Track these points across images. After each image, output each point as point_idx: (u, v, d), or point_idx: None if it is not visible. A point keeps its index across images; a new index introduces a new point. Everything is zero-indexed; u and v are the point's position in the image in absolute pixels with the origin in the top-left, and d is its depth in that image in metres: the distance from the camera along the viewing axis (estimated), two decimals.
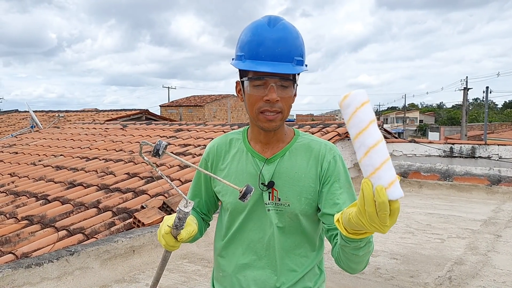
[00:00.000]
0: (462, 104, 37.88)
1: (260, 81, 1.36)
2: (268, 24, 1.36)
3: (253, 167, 1.48)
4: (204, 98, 39.32)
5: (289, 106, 1.41)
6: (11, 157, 9.61)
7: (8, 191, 6.62)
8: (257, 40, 1.36)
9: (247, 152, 1.51)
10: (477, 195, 7.57)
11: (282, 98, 1.37)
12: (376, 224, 1.00)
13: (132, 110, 18.80)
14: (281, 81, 1.35)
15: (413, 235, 5.17)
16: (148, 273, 3.86)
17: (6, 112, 25.95)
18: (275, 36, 1.35)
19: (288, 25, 1.38)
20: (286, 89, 1.37)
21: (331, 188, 1.41)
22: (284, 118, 1.42)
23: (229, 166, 1.52)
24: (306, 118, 52.84)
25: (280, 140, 1.49)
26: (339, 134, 7.97)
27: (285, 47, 1.35)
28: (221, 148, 1.56)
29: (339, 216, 1.14)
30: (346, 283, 3.73)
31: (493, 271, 3.98)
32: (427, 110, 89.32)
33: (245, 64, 1.37)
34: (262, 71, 1.33)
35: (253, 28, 1.38)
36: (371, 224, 1.01)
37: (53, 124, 17.38)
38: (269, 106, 1.36)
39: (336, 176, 1.42)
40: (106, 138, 10.45)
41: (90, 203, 5.48)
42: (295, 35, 1.38)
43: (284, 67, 1.34)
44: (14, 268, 3.17)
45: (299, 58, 1.37)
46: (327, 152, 1.46)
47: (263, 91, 1.36)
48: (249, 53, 1.37)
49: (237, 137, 1.56)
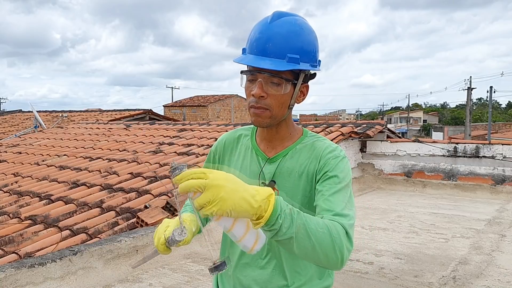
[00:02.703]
0: (466, 104, 37.76)
1: (251, 75, 1.35)
2: (269, 21, 1.34)
3: (256, 165, 1.47)
4: (207, 98, 39.38)
5: (280, 104, 1.36)
6: (15, 157, 9.63)
7: (11, 191, 6.63)
8: (255, 35, 1.35)
9: (252, 149, 1.50)
10: (481, 194, 7.54)
11: (270, 95, 1.34)
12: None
13: (136, 110, 18.83)
14: (271, 77, 1.32)
15: (417, 235, 5.15)
16: (152, 272, 3.85)
17: (10, 112, 26.03)
18: (270, 32, 1.32)
19: (289, 22, 1.34)
20: (277, 86, 1.33)
21: (323, 183, 1.34)
22: (275, 116, 1.37)
23: (234, 162, 1.52)
24: (309, 118, 52.85)
25: (285, 139, 1.47)
26: (342, 134, 7.95)
27: (277, 43, 1.31)
28: (229, 143, 1.56)
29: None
30: (350, 283, 3.71)
31: (498, 271, 3.95)
32: (431, 110, 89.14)
33: (239, 58, 1.37)
34: (243, 63, 1.34)
35: (257, 25, 1.38)
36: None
37: (57, 124, 17.43)
38: (255, 102, 1.35)
39: (333, 172, 1.35)
40: (109, 138, 10.46)
41: (94, 203, 5.48)
42: (295, 32, 1.33)
43: (270, 62, 1.30)
44: (17, 267, 3.17)
45: (294, 55, 1.31)
46: (328, 151, 1.40)
47: (253, 86, 1.35)
48: (248, 48, 1.37)
49: (246, 133, 1.56)
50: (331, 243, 1.13)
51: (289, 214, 1.10)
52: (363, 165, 8.90)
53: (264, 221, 1.06)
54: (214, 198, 1.02)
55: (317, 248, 1.12)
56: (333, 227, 1.16)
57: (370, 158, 8.86)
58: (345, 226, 1.20)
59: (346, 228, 1.19)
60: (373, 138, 8.56)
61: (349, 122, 9.12)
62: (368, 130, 8.20)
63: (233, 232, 1.13)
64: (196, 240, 4.56)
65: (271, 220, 1.07)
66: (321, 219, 1.19)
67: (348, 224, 1.22)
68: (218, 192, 1.02)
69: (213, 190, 1.02)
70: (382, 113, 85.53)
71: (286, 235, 1.09)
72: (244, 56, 1.37)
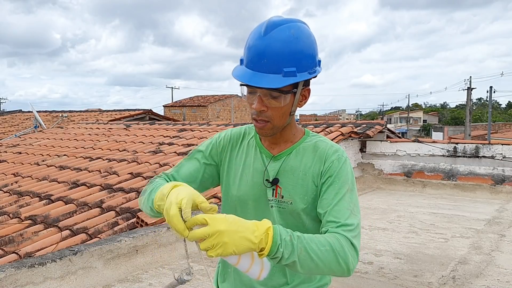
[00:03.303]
0: (466, 104, 37.78)
1: (250, 88, 1.35)
2: (262, 32, 1.32)
3: (259, 162, 1.49)
4: (207, 98, 39.37)
5: (282, 115, 1.38)
6: (15, 157, 9.64)
7: (11, 191, 6.64)
8: (250, 48, 1.34)
9: (256, 147, 1.52)
10: (481, 194, 7.55)
11: (272, 108, 1.35)
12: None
13: (136, 110, 18.82)
14: (269, 91, 1.32)
15: (417, 235, 5.15)
16: (151, 272, 3.86)
17: (9, 113, 26.02)
18: (264, 47, 1.30)
19: (283, 34, 1.30)
20: (276, 99, 1.33)
21: (327, 188, 1.38)
22: (277, 126, 1.40)
23: (237, 158, 1.54)
24: (309, 118, 52.86)
25: (288, 140, 1.49)
26: (342, 134, 7.95)
27: (272, 59, 1.29)
28: (234, 138, 1.57)
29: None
30: (350, 283, 3.72)
31: (497, 271, 3.96)
32: (431, 110, 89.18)
33: (236, 71, 1.37)
34: (240, 80, 1.34)
35: (252, 33, 1.36)
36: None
37: (57, 124, 17.43)
38: (256, 115, 1.37)
39: (337, 176, 1.39)
40: (109, 138, 10.47)
41: (94, 203, 5.49)
42: (288, 45, 1.30)
43: (266, 80, 1.30)
44: (17, 267, 3.17)
45: (290, 69, 1.30)
46: (332, 152, 1.43)
47: (253, 98, 1.36)
48: (246, 60, 1.36)
49: (250, 131, 1.58)
50: (334, 258, 1.22)
51: (289, 241, 1.18)
52: (363, 165, 8.91)
53: (266, 252, 1.14)
54: (217, 242, 1.10)
55: (320, 266, 1.21)
56: (336, 242, 1.24)
57: (370, 158, 8.87)
58: (350, 238, 1.27)
59: (350, 240, 1.27)
60: (373, 138, 8.56)
61: (349, 122, 9.12)
62: (368, 130, 8.21)
63: (240, 266, 1.21)
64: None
65: (272, 250, 1.15)
66: (323, 237, 1.26)
67: (353, 235, 1.28)
68: (221, 238, 1.10)
69: (215, 236, 1.10)
70: (382, 113, 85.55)
71: (289, 260, 1.17)
72: (241, 71, 1.36)
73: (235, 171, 1.51)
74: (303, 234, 1.22)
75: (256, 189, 1.47)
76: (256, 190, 1.47)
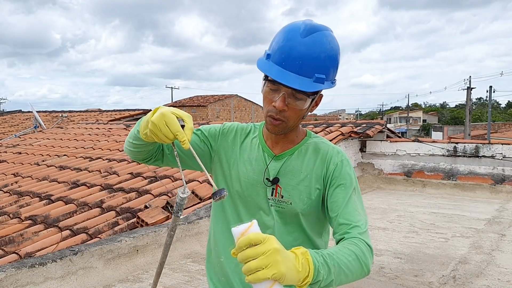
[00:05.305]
0: (466, 104, 37.77)
1: (274, 85, 1.34)
2: (301, 34, 1.31)
3: (261, 161, 1.49)
4: (207, 98, 39.38)
5: (298, 117, 1.39)
6: (15, 157, 9.64)
7: (11, 191, 6.64)
8: (285, 47, 1.32)
9: (259, 145, 1.52)
10: (481, 194, 7.55)
11: (291, 108, 1.36)
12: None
13: (136, 110, 18.80)
14: (295, 92, 1.32)
15: (417, 234, 5.15)
16: (152, 272, 3.85)
17: (9, 113, 25.98)
18: (302, 49, 1.30)
19: (319, 39, 1.32)
20: (299, 101, 1.34)
21: (334, 191, 1.40)
22: (289, 127, 1.41)
23: (240, 153, 1.54)
24: (309, 118, 52.82)
25: (291, 141, 1.50)
26: (342, 133, 7.95)
27: (307, 63, 1.30)
28: (239, 133, 1.58)
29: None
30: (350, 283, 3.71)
31: (497, 270, 3.96)
32: (431, 109, 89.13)
33: (264, 65, 1.36)
34: (272, 77, 1.32)
35: (287, 32, 1.35)
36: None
37: (57, 124, 17.42)
38: (274, 113, 1.36)
39: (342, 179, 1.41)
40: (109, 138, 10.47)
41: (94, 203, 5.49)
42: (324, 51, 1.32)
43: (298, 81, 1.30)
44: (17, 267, 3.17)
45: (320, 75, 1.31)
46: (334, 154, 1.46)
47: (275, 95, 1.35)
48: (276, 57, 1.34)
49: (255, 129, 1.58)
50: (359, 265, 1.23)
51: (324, 262, 1.11)
52: (363, 164, 8.91)
53: (310, 280, 1.05)
54: (271, 261, 0.98)
55: (350, 276, 1.21)
56: (358, 250, 1.25)
57: (370, 158, 8.87)
58: (365, 239, 1.29)
59: (366, 241, 1.29)
60: (372, 138, 8.57)
61: (349, 122, 9.12)
62: (368, 130, 8.21)
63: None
64: (196, 240, 4.56)
65: (314, 276, 1.06)
66: (344, 246, 1.25)
67: (366, 236, 1.32)
68: (275, 256, 0.99)
69: (269, 253, 0.99)
70: (382, 113, 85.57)
71: (327, 281, 1.11)
72: (270, 66, 1.34)
73: (237, 167, 1.52)
74: (329, 250, 1.19)
75: (257, 187, 1.48)
76: (257, 188, 1.48)
